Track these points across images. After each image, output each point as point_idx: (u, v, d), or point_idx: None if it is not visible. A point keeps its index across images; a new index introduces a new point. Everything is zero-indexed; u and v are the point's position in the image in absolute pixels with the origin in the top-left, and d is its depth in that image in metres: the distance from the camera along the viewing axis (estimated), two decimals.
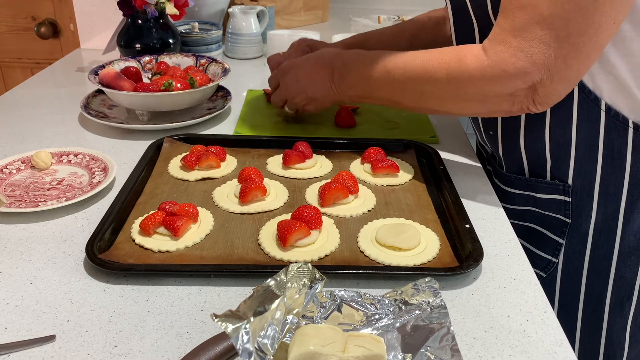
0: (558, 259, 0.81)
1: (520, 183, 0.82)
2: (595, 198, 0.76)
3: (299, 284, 0.47)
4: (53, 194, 0.75)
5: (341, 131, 0.98)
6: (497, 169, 0.86)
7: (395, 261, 0.63)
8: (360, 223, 0.70)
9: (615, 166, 0.73)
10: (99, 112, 1.00)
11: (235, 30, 1.41)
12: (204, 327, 0.54)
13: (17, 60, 1.75)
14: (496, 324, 0.56)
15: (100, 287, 0.59)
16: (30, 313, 0.55)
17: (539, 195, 0.80)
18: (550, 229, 0.81)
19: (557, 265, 0.82)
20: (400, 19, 1.56)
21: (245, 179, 0.76)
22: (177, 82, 0.98)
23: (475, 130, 0.91)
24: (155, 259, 0.63)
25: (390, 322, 0.52)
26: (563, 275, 0.82)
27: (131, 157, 0.87)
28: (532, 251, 0.84)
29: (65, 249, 0.65)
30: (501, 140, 0.82)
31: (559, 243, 0.80)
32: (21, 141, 0.93)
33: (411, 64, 0.74)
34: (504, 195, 0.84)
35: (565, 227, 0.79)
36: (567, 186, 0.77)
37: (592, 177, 0.75)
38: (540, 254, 0.83)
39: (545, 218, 0.81)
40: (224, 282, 0.60)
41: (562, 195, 0.78)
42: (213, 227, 0.69)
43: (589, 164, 0.75)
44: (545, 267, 0.83)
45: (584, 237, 0.79)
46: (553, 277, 0.83)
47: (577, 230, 0.79)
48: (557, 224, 0.80)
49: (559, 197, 0.78)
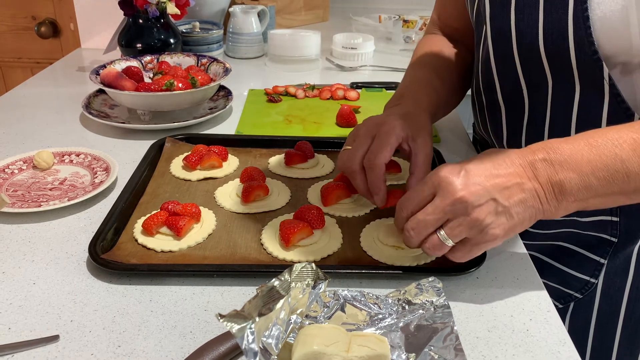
0: (598, 280, 0.76)
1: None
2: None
3: (303, 284, 0.47)
4: (55, 194, 0.75)
5: (342, 130, 0.98)
6: None
7: (398, 261, 0.63)
8: (362, 223, 0.70)
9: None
10: (100, 112, 1.00)
11: (236, 30, 1.40)
12: (208, 327, 0.54)
13: (17, 59, 1.74)
14: (499, 324, 0.56)
15: (104, 287, 0.59)
16: (34, 313, 0.55)
17: (583, 219, 0.74)
18: (590, 248, 0.76)
19: (596, 286, 0.77)
20: (401, 18, 1.56)
21: (247, 179, 0.76)
22: (179, 81, 0.98)
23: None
24: (158, 259, 0.63)
25: (394, 321, 0.52)
26: (603, 296, 0.77)
27: (133, 157, 0.87)
28: (565, 271, 0.78)
29: (68, 249, 0.65)
30: None
31: (600, 263, 0.75)
32: (22, 141, 0.93)
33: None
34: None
35: (610, 246, 0.74)
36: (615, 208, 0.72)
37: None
38: (575, 274, 0.78)
39: (584, 238, 0.76)
40: (227, 281, 0.60)
41: (609, 216, 0.73)
42: (215, 226, 0.69)
43: None
44: (582, 288, 0.77)
45: (628, 256, 0.75)
46: (591, 298, 0.78)
47: (622, 250, 0.74)
48: (600, 243, 0.75)
49: (605, 217, 0.73)
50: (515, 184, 0.54)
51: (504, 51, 0.72)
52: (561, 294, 0.79)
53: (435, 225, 0.56)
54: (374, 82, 1.23)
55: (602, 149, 0.54)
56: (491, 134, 0.83)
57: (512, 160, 0.55)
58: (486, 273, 0.63)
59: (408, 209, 0.58)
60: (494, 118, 0.80)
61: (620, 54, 0.62)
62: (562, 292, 0.79)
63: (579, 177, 0.54)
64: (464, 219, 0.54)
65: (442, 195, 0.55)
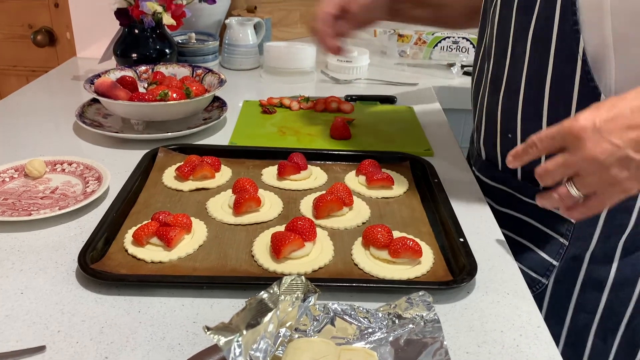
0: (548, 280, 0.79)
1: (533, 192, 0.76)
2: (598, 227, 0.73)
3: (292, 297, 0.47)
4: (46, 203, 0.75)
5: (336, 143, 0.98)
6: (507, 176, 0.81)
7: (389, 274, 0.62)
8: (354, 235, 0.70)
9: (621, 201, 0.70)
10: (94, 121, 1.00)
11: (232, 42, 1.41)
12: (196, 339, 0.54)
13: (13, 67, 1.74)
14: (489, 339, 0.55)
15: (92, 298, 0.58)
16: (21, 323, 0.54)
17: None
18: (544, 248, 0.79)
19: (546, 287, 0.80)
20: (396, 33, 1.57)
21: (239, 190, 0.76)
22: (173, 92, 0.98)
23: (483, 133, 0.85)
24: (147, 269, 0.62)
25: (384, 336, 0.51)
26: (551, 297, 0.80)
27: (126, 166, 0.87)
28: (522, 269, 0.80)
29: (57, 259, 0.64)
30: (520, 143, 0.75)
31: (552, 265, 0.78)
32: (15, 149, 0.92)
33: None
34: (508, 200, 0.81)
35: (561, 248, 0.77)
36: None
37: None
38: (529, 272, 0.80)
39: (542, 236, 0.79)
40: (217, 293, 0.60)
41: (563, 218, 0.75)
42: (206, 238, 0.68)
43: None
44: (534, 286, 0.80)
45: (579, 262, 0.77)
46: (540, 298, 0.81)
47: (573, 254, 0.77)
48: (553, 244, 0.78)
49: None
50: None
51: (507, 10, 0.74)
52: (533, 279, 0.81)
53: (563, 176, 0.57)
54: (368, 95, 1.23)
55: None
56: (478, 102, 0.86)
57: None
58: (477, 288, 0.63)
59: (538, 149, 0.58)
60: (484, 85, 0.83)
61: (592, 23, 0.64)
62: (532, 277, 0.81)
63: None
64: (595, 175, 0.54)
65: (572, 151, 0.55)
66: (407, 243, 0.64)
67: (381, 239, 0.65)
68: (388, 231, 0.66)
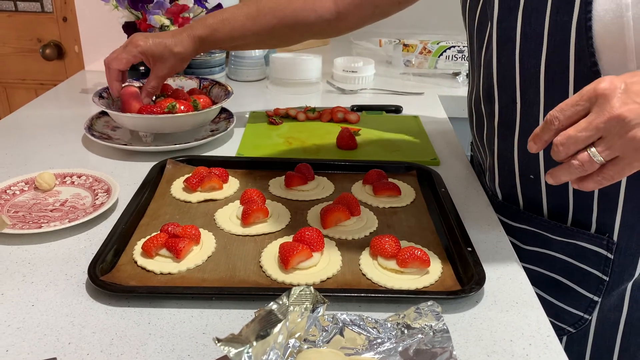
0: (592, 316, 0.76)
1: (561, 230, 0.75)
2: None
3: (301, 308, 0.47)
4: (56, 216, 0.76)
5: (343, 153, 0.99)
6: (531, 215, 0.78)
7: (397, 284, 0.63)
8: (362, 245, 0.70)
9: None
10: (102, 134, 1.01)
11: (238, 53, 1.42)
12: (206, 350, 0.54)
13: (22, 81, 1.76)
14: (499, 348, 0.55)
15: (102, 310, 0.59)
16: (32, 335, 0.55)
17: (582, 243, 0.74)
18: (582, 284, 0.75)
19: (589, 322, 0.77)
20: (401, 42, 1.58)
21: (247, 201, 0.76)
22: (181, 104, 0.99)
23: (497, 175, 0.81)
24: (157, 281, 0.63)
25: (393, 346, 0.51)
26: (597, 330, 0.77)
27: (134, 178, 0.87)
28: (559, 306, 0.78)
29: (67, 271, 0.65)
30: (545, 185, 0.74)
31: (594, 300, 0.75)
32: (25, 162, 0.93)
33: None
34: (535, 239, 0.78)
35: (602, 284, 0.74)
36: (612, 242, 0.71)
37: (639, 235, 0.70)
38: (569, 309, 0.77)
39: (578, 272, 0.75)
40: (226, 304, 0.60)
41: (605, 250, 0.72)
42: (215, 249, 0.69)
43: (636, 221, 0.69)
44: (576, 322, 0.77)
45: (622, 294, 0.74)
46: (585, 333, 0.78)
47: (616, 289, 0.74)
48: (592, 280, 0.74)
49: (601, 250, 0.72)
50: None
51: (508, 56, 0.71)
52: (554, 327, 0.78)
53: (587, 142, 0.52)
54: (374, 105, 1.24)
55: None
56: (486, 146, 0.83)
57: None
58: (485, 297, 0.63)
59: (560, 121, 0.53)
60: (490, 129, 0.79)
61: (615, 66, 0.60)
62: (555, 326, 0.78)
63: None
64: (620, 137, 0.50)
65: (597, 112, 0.51)
66: (415, 253, 0.64)
67: (389, 248, 0.66)
68: (395, 241, 0.67)
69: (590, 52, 0.61)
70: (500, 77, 0.74)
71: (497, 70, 0.73)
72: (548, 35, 0.65)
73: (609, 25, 0.59)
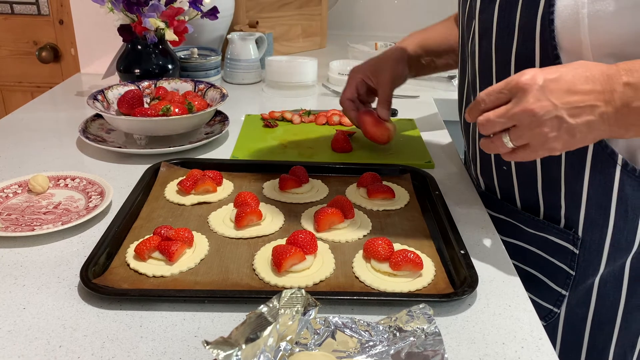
0: (560, 310, 0.78)
1: (534, 223, 0.78)
2: (604, 253, 0.73)
3: (292, 311, 0.47)
4: (49, 218, 0.75)
5: (337, 156, 0.99)
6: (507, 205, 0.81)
7: (390, 287, 0.62)
8: (355, 248, 0.70)
9: (628, 222, 0.71)
10: (97, 136, 1.01)
11: (234, 56, 1.42)
12: (197, 353, 0.54)
13: (18, 83, 1.76)
14: (491, 351, 0.55)
15: (94, 312, 0.59)
16: (23, 338, 0.55)
17: (551, 237, 0.76)
18: (552, 278, 0.78)
19: (558, 315, 0.79)
20: None
21: (241, 204, 0.76)
22: (175, 107, 0.99)
23: (479, 164, 0.85)
24: (149, 284, 0.62)
25: (385, 349, 0.51)
26: (565, 325, 0.79)
27: (128, 181, 0.87)
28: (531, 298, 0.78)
29: (59, 274, 0.65)
30: (516, 177, 0.78)
31: (562, 294, 0.77)
32: (19, 165, 0.93)
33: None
34: (512, 230, 0.81)
35: (569, 278, 0.76)
36: (577, 237, 0.74)
37: (603, 232, 0.72)
38: (540, 302, 0.79)
39: (548, 266, 0.78)
40: (218, 307, 0.60)
41: (571, 245, 0.74)
42: (208, 252, 0.69)
43: (600, 218, 0.72)
44: (546, 316, 0.79)
45: (589, 289, 0.76)
46: (554, 326, 0.80)
47: (582, 283, 0.76)
48: (561, 274, 0.77)
49: (567, 245, 0.75)
50: (589, 106, 0.57)
51: (486, 47, 0.75)
52: None
53: (502, 127, 0.60)
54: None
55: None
56: (470, 135, 0.87)
57: (595, 78, 0.57)
58: (478, 300, 0.62)
59: (486, 103, 0.61)
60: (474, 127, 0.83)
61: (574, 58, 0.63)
62: None
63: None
64: (529, 129, 0.58)
65: (515, 103, 0.58)
66: (408, 255, 0.64)
67: (382, 251, 0.66)
68: (389, 244, 0.66)
69: (553, 45, 0.65)
70: (480, 67, 0.78)
71: (479, 60, 0.77)
72: (518, 28, 0.69)
73: (567, 21, 0.63)
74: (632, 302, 0.75)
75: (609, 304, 0.76)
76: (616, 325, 0.77)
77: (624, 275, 0.75)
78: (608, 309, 0.77)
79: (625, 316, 0.76)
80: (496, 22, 0.72)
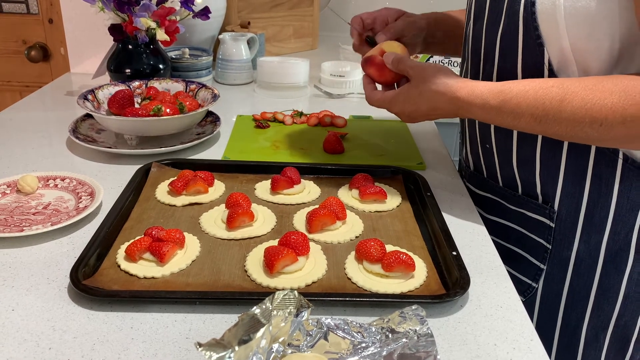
0: (538, 284, 0.82)
1: (515, 199, 0.82)
2: (579, 226, 0.77)
3: (285, 312, 0.47)
4: (38, 219, 0.75)
5: (329, 157, 0.99)
6: (491, 183, 0.86)
7: (382, 288, 0.62)
8: (347, 249, 0.70)
9: (601, 196, 0.74)
10: (87, 136, 1.00)
11: (225, 57, 1.42)
12: (189, 355, 0.53)
13: (7, 83, 1.75)
14: (483, 353, 0.55)
15: (84, 314, 0.58)
16: (11, 340, 0.54)
17: (530, 214, 0.80)
18: (531, 253, 0.82)
19: (536, 291, 0.82)
20: None
21: (232, 205, 0.76)
22: (167, 107, 0.98)
23: (468, 143, 0.90)
24: (140, 285, 0.62)
25: (377, 350, 0.51)
26: (542, 301, 0.83)
27: (118, 181, 0.87)
28: (514, 275, 0.84)
29: (49, 275, 0.64)
30: (497, 155, 0.83)
31: (540, 268, 0.81)
32: (7, 165, 0.92)
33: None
34: (495, 207, 0.85)
35: (546, 252, 0.80)
36: (553, 211, 0.77)
37: (578, 205, 0.76)
38: (520, 277, 0.83)
39: (528, 241, 0.82)
40: (210, 309, 0.59)
41: (547, 219, 0.78)
42: (199, 253, 0.68)
43: (576, 191, 0.75)
44: (525, 291, 0.83)
45: (565, 264, 0.79)
46: (532, 302, 0.83)
47: (558, 257, 0.79)
48: (539, 249, 0.80)
49: (544, 220, 0.79)
50: (434, 115, 0.78)
51: (478, 29, 0.79)
52: None
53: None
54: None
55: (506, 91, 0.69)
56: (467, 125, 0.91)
57: (443, 109, 0.76)
58: (470, 301, 0.63)
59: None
60: None
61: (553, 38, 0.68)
62: None
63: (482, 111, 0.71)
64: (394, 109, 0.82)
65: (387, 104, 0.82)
66: (400, 257, 0.64)
67: (374, 252, 0.66)
68: (381, 245, 0.67)
69: (534, 27, 0.69)
70: (472, 49, 0.82)
71: (471, 42, 0.82)
72: (505, 10, 0.73)
73: (545, 2, 0.67)
74: (606, 282, 0.77)
75: (582, 283, 0.79)
76: (589, 304, 0.79)
77: (600, 256, 0.77)
78: (582, 287, 0.79)
79: (598, 297, 0.78)
80: (488, 5, 0.76)
